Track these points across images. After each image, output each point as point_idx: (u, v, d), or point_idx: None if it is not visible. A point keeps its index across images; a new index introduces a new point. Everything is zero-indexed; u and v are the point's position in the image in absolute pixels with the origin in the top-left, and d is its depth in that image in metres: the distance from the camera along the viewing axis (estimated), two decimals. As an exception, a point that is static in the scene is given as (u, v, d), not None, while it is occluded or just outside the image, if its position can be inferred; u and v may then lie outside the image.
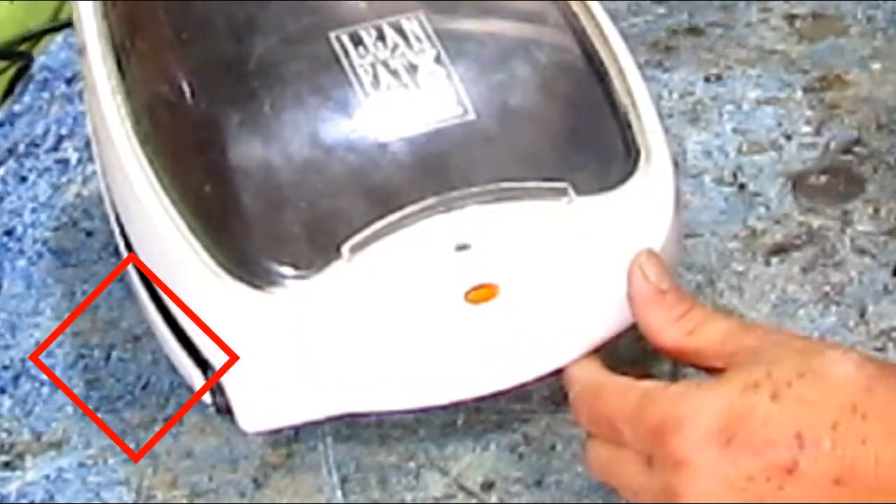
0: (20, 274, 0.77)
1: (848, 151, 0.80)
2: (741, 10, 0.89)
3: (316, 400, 0.62)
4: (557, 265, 0.62)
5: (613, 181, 0.64)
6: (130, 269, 0.67)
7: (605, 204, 0.63)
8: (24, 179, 0.83)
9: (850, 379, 0.55)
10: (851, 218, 0.76)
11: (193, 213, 0.62)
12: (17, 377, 0.72)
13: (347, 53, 0.65)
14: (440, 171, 0.62)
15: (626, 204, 0.63)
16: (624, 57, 0.68)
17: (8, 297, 0.76)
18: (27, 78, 0.90)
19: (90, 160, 0.82)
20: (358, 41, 0.65)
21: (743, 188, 0.78)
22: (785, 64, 0.85)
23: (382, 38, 0.65)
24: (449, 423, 0.68)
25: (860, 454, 0.53)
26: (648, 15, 0.89)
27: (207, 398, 0.64)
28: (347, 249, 0.60)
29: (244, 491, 0.67)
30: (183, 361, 0.64)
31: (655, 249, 0.63)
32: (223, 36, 0.67)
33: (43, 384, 0.72)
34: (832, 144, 0.80)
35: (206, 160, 0.64)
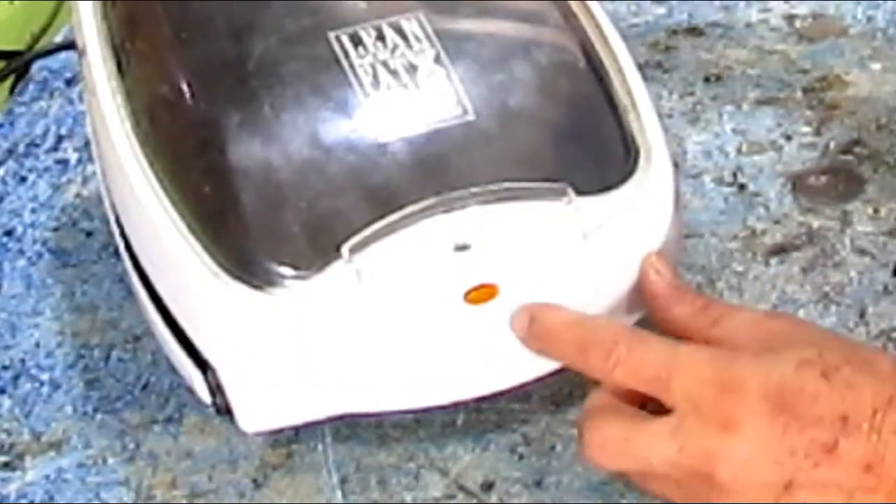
0: (20, 274, 0.77)
1: (848, 152, 0.80)
2: (741, 10, 0.89)
3: (315, 400, 0.62)
4: (557, 265, 0.62)
5: (613, 181, 0.64)
6: (130, 269, 0.67)
7: (604, 204, 0.63)
8: (23, 179, 0.83)
9: (890, 373, 0.56)
10: (851, 218, 0.76)
11: (193, 213, 0.62)
12: (16, 377, 0.72)
13: (347, 54, 0.65)
14: (440, 171, 0.62)
15: (625, 204, 0.63)
16: (624, 57, 0.68)
17: (8, 297, 0.76)
18: (27, 78, 0.90)
19: (90, 160, 0.82)
20: (358, 41, 0.65)
21: (743, 188, 0.78)
22: (785, 64, 0.85)
23: (382, 38, 0.65)
24: (449, 423, 0.68)
25: (891, 444, 0.54)
26: (648, 15, 0.89)
27: (207, 398, 0.64)
28: (347, 250, 0.60)
29: (244, 491, 0.67)
30: (182, 362, 0.64)
31: (655, 249, 0.63)
32: (223, 36, 0.67)
33: (42, 384, 0.72)
34: (832, 145, 0.80)
35: (205, 160, 0.64)
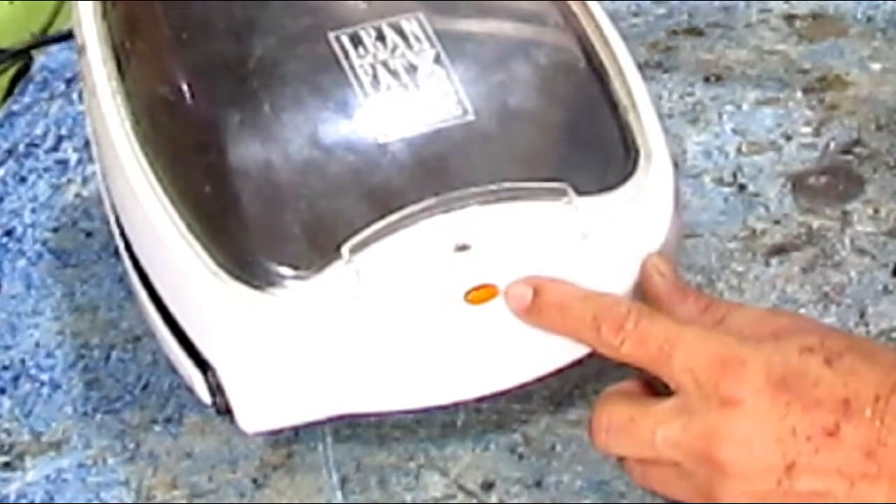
0: (20, 274, 0.77)
1: (847, 152, 0.80)
2: (741, 10, 0.89)
3: (316, 400, 0.62)
4: (557, 265, 0.62)
5: (613, 181, 0.64)
6: (130, 269, 0.67)
7: (604, 204, 0.63)
8: (23, 180, 0.83)
9: (893, 363, 0.57)
10: (851, 218, 0.76)
11: (193, 213, 0.62)
12: (16, 378, 0.72)
13: (347, 54, 0.65)
14: (440, 171, 0.62)
15: (625, 204, 0.63)
16: (624, 57, 0.68)
17: (7, 297, 0.76)
18: (27, 78, 0.90)
19: (90, 160, 0.82)
20: (358, 42, 0.65)
21: (743, 189, 0.78)
22: (784, 64, 0.85)
23: (382, 38, 0.65)
24: (449, 423, 0.68)
25: (894, 430, 0.55)
26: (648, 15, 0.89)
27: (207, 398, 0.64)
28: (347, 250, 0.60)
29: (244, 491, 0.67)
30: (183, 362, 0.64)
31: (655, 250, 0.63)
32: (223, 36, 0.67)
33: (43, 384, 0.72)
34: (832, 145, 0.80)
35: (205, 161, 0.64)
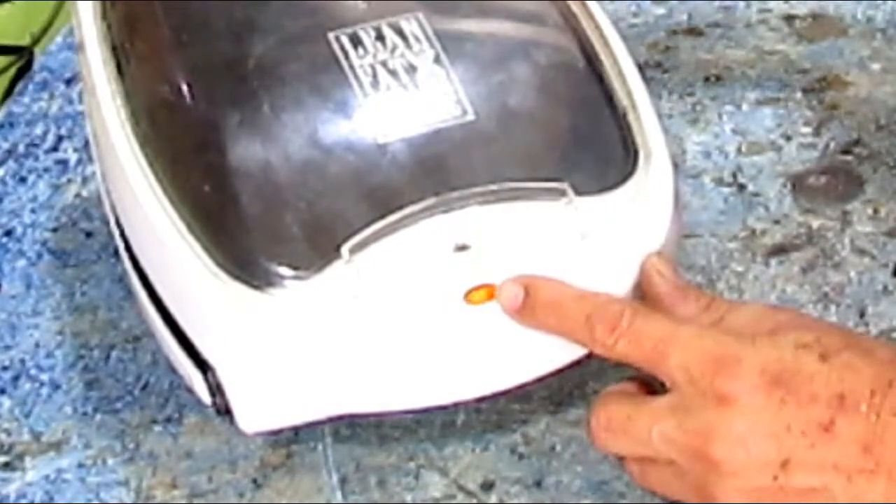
0: (20, 274, 0.77)
1: (847, 152, 0.80)
2: (740, 10, 0.89)
3: (315, 401, 0.62)
4: (556, 266, 0.62)
5: (613, 182, 0.64)
6: (130, 269, 0.67)
7: (604, 204, 0.63)
8: (23, 180, 0.83)
9: (891, 359, 0.57)
10: (851, 218, 0.76)
11: (193, 213, 0.62)
12: (16, 378, 0.72)
13: (347, 54, 0.65)
14: (439, 171, 0.62)
15: (625, 204, 0.63)
16: (623, 57, 0.68)
17: (7, 297, 0.76)
18: (27, 78, 0.90)
19: (89, 161, 0.82)
20: (357, 42, 0.65)
21: (742, 189, 0.78)
22: (784, 65, 0.85)
23: (382, 38, 0.65)
24: (448, 423, 0.68)
25: (891, 425, 0.55)
26: (648, 16, 0.89)
27: (207, 398, 0.64)
28: (347, 250, 0.60)
29: (244, 491, 0.67)
30: (182, 362, 0.64)
31: (655, 250, 0.63)
32: (222, 37, 0.67)
33: (42, 385, 0.72)
34: (831, 145, 0.80)
35: (205, 161, 0.64)
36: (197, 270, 0.61)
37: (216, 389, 0.63)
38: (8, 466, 0.69)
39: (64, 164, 0.84)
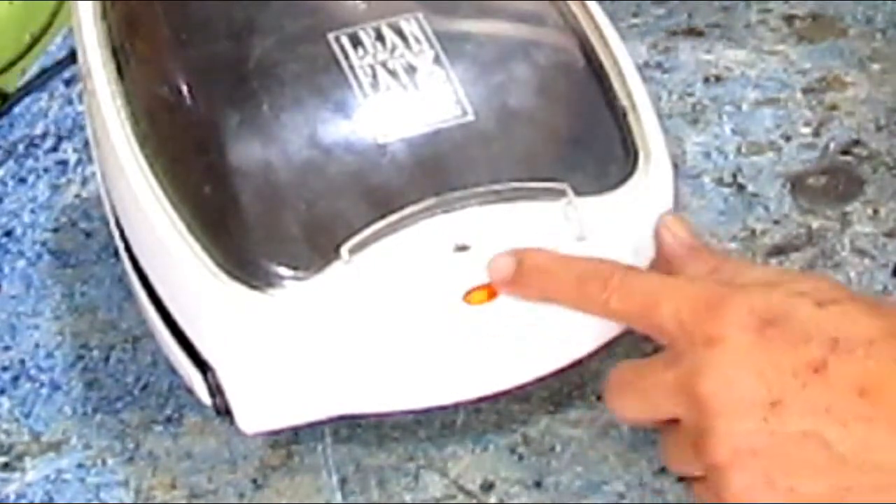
0: (19, 275, 0.77)
1: (847, 152, 0.80)
2: (740, 11, 0.89)
3: (315, 401, 0.62)
4: (556, 266, 0.62)
5: (612, 182, 0.64)
6: (130, 270, 0.67)
7: (604, 205, 0.63)
8: (23, 180, 0.83)
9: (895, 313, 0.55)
10: (851, 219, 0.76)
11: (192, 214, 0.62)
12: (16, 378, 0.72)
13: (346, 54, 0.65)
14: (439, 172, 0.62)
15: (625, 205, 0.63)
16: (623, 58, 0.68)
17: (7, 297, 0.76)
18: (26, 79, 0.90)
19: (89, 161, 0.82)
20: (357, 42, 0.65)
21: (742, 189, 0.78)
22: (784, 65, 0.85)
23: (381, 39, 0.65)
24: (448, 424, 0.68)
25: (890, 373, 0.53)
26: (647, 16, 0.89)
27: (207, 399, 0.64)
28: (346, 250, 0.60)
29: (243, 492, 0.67)
30: (182, 362, 0.64)
31: (654, 251, 0.63)
32: (222, 37, 0.67)
33: (42, 385, 0.72)
34: (831, 145, 0.80)
35: (205, 161, 0.64)
36: (197, 271, 0.61)
37: (216, 390, 0.63)
38: (7, 467, 0.69)
39: (64, 164, 0.84)
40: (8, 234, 0.80)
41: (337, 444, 0.68)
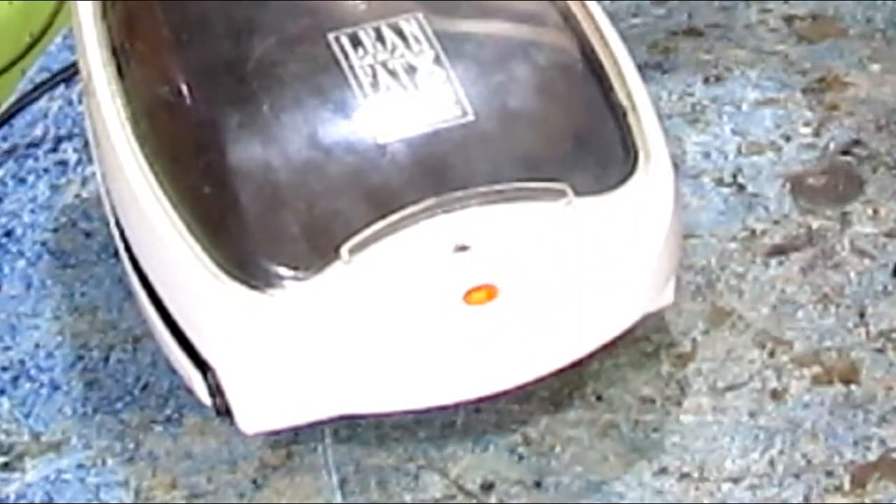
0: (19, 275, 0.77)
1: (847, 153, 0.80)
2: (740, 11, 0.89)
3: (315, 401, 0.62)
4: (556, 266, 0.62)
5: (612, 182, 0.64)
6: (130, 270, 0.67)
7: (604, 205, 0.63)
8: (23, 181, 0.83)
9: None
10: (851, 219, 0.76)
11: (192, 214, 0.62)
12: (16, 378, 0.72)
13: (346, 55, 0.65)
14: (439, 172, 0.62)
15: (625, 205, 0.63)
16: (623, 58, 0.68)
17: (7, 298, 0.76)
18: (27, 78, 0.90)
19: (89, 161, 0.82)
20: (357, 42, 0.65)
21: (742, 189, 0.78)
22: (784, 65, 0.85)
23: (381, 39, 0.65)
24: (448, 424, 0.68)
25: None
26: (647, 16, 0.89)
27: (207, 399, 0.64)
28: (346, 251, 0.60)
29: (243, 492, 0.67)
30: (182, 363, 0.64)
31: (655, 251, 0.63)
32: (222, 37, 0.67)
33: (42, 385, 0.72)
34: (831, 145, 0.80)
35: (205, 161, 0.64)
36: (196, 271, 0.61)
37: (216, 390, 0.63)
38: (7, 467, 0.69)
39: (63, 164, 0.84)
40: (8, 234, 0.80)
41: (337, 444, 0.68)
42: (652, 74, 0.84)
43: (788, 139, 0.81)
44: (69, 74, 0.85)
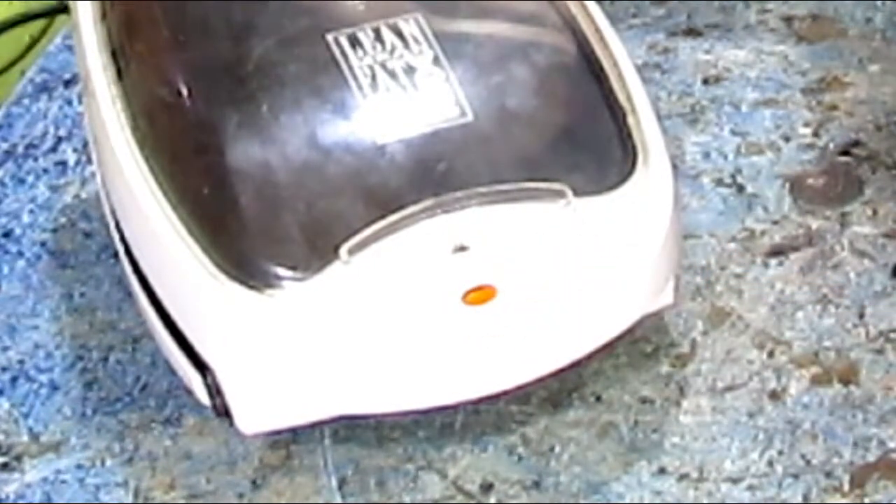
0: (18, 275, 0.77)
1: (846, 153, 0.80)
2: (739, 11, 0.89)
3: (314, 402, 0.62)
4: (556, 267, 0.62)
5: (612, 183, 0.64)
6: (129, 270, 0.67)
7: (603, 205, 0.63)
8: (22, 181, 0.83)
9: None
10: (850, 219, 0.76)
11: (192, 214, 0.62)
12: (15, 379, 0.72)
13: (345, 55, 0.65)
14: (438, 172, 0.62)
15: (624, 205, 0.63)
16: (622, 58, 0.68)
17: (6, 298, 0.76)
18: (26, 79, 0.90)
19: (89, 162, 0.82)
20: (356, 43, 0.65)
21: (741, 190, 0.78)
22: (784, 65, 0.85)
23: (380, 39, 0.65)
24: (447, 424, 0.68)
25: None
26: (647, 16, 0.89)
27: (206, 400, 0.64)
28: (345, 251, 0.60)
29: (243, 492, 0.67)
30: (181, 363, 0.64)
31: (654, 251, 0.63)
32: (221, 38, 0.67)
33: (41, 386, 0.72)
34: (831, 146, 0.80)
35: (204, 162, 0.64)
36: (196, 272, 0.61)
37: (215, 390, 0.63)
38: (6, 467, 0.69)
39: (63, 165, 0.84)
40: (7, 234, 0.80)
41: (336, 444, 0.68)
42: (651, 75, 0.84)
43: (788, 139, 0.81)
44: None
